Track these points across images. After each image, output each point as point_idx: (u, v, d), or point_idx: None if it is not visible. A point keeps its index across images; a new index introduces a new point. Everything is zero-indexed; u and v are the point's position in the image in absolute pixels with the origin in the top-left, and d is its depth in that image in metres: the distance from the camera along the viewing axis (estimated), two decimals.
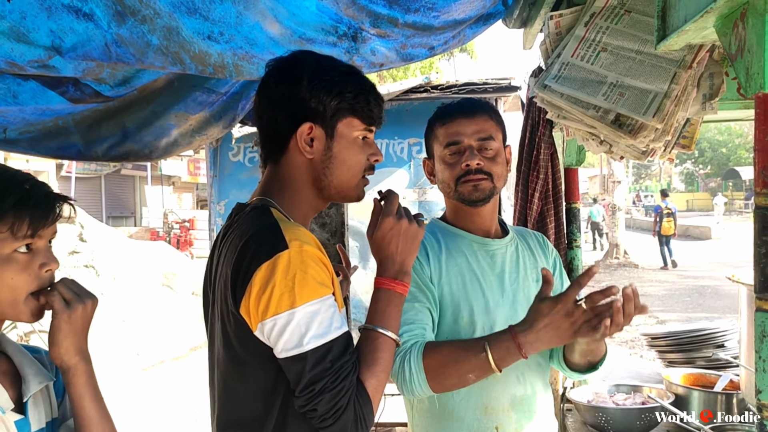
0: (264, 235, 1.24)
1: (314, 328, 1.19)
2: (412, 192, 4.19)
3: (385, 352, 1.30)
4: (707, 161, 46.19)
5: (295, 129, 1.33)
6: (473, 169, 1.64)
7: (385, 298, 1.35)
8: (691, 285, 13.13)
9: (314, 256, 1.23)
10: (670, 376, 2.47)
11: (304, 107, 1.33)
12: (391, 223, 1.37)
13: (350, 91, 1.34)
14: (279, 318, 1.18)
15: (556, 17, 1.95)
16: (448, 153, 1.68)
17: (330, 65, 1.38)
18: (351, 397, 1.20)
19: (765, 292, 0.92)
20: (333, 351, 1.19)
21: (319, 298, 1.20)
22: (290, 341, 1.18)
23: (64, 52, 1.64)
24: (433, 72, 4.75)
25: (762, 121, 0.91)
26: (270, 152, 1.40)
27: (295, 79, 1.33)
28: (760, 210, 0.91)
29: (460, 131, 1.66)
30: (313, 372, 1.18)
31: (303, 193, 1.38)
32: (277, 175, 1.39)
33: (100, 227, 10.79)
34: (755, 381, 0.94)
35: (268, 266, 1.19)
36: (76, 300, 1.19)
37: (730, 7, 0.97)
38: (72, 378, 1.19)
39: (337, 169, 1.36)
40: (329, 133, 1.34)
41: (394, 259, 1.37)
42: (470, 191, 1.65)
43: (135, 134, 2.45)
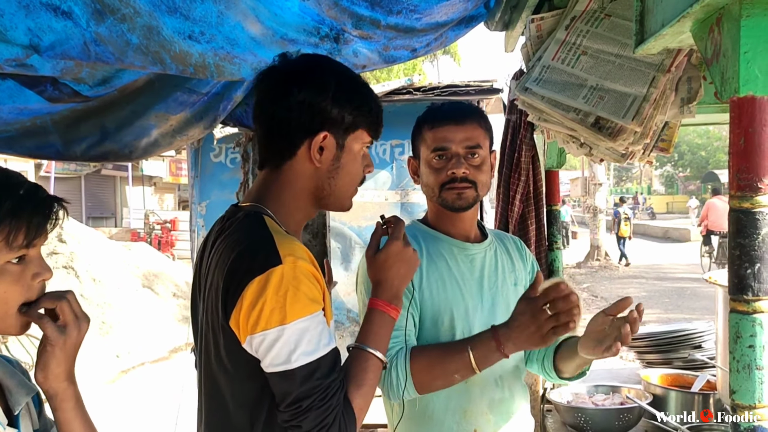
0: (258, 247, 1.23)
1: (303, 345, 1.18)
2: (394, 194, 4.19)
3: (373, 372, 1.31)
4: (687, 164, 46.72)
5: (307, 136, 1.32)
6: (459, 177, 1.65)
7: (379, 320, 1.36)
8: (670, 287, 13.27)
9: (307, 272, 1.22)
10: (649, 376, 2.49)
11: (324, 116, 1.32)
12: (398, 247, 1.39)
13: (367, 104, 1.36)
14: (269, 333, 1.17)
15: (537, 20, 1.96)
16: (434, 157, 1.69)
17: (351, 76, 1.38)
18: (337, 415, 1.20)
19: (739, 294, 0.93)
20: (321, 368, 1.19)
21: (309, 315, 1.20)
22: (278, 357, 1.18)
23: (42, 50, 1.61)
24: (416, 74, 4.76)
25: (737, 125, 0.92)
26: (273, 155, 1.37)
27: (322, 87, 1.32)
28: (734, 213, 0.93)
29: (448, 137, 1.67)
30: (301, 389, 1.18)
31: (300, 201, 1.37)
32: (276, 181, 1.37)
33: (79, 228, 10.66)
34: (729, 381, 0.95)
35: (261, 280, 1.18)
36: (73, 324, 1.13)
37: (706, 12, 0.98)
38: (60, 403, 1.15)
39: (342, 179, 1.37)
40: (340, 144, 1.35)
41: (393, 282, 1.38)
42: (454, 199, 1.67)
43: (114, 134, 2.42)
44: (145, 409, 6.12)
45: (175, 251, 17.40)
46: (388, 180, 4.22)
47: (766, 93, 0.91)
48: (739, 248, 0.92)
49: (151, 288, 10.11)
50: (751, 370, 0.93)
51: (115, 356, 7.82)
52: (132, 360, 7.85)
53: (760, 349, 0.93)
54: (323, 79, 1.33)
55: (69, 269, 9.03)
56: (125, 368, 7.62)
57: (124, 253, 10.93)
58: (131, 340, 8.27)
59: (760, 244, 0.91)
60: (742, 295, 0.93)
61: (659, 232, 28.21)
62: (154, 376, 7.33)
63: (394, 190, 4.19)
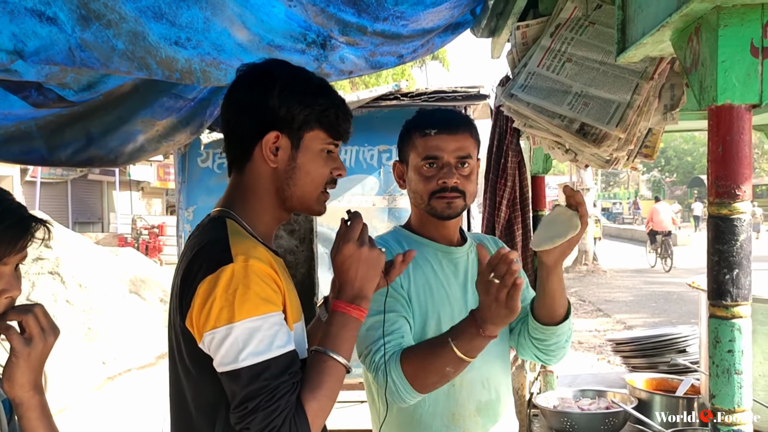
0: (212, 248, 1.24)
1: (252, 344, 1.17)
2: (381, 199, 4.20)
3: (331, 376, 1.27)
4: (673, 169, 47.10)
5: (261, 136, 1.33)
6: (449, 187, 1.66)
7: (339, 321, 1.33)
8: (657, 291, 13.35)
9: (261, 271, 1.22)
10: (634, 380, 2.51)
11: (273, 116, 1.33)
12: (351, 249, 1.35)
13: (320, 104, 1.35)
14: (217, 332, 1.18)
15: (522, 27, 1.98)
16: (425, 165, 1.69)
17: (303, 77, 1.39)
18: (287, 417, 1.17)
19: (718, 299, 0.94)
20: (270, 369, 1.17)
21: (260, 315, 1.19)
22: (227, 356, 1.17)
23: (26, 56, 1.61)
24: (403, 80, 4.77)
25: (715, 133, 0.94)
26: (235, 159, 1.40)
27: (268, 86, 1.33)
28: (713, 219, 0.94)
29: (440, 146, 1.67)
30: (247, 389, 1.16)
31: (266, 203, 1.38)
32: (240, 184, 1.39)
33: (65, 233, 10.58)
34: (709, 386, 0.97)
35: (211, 279, 1.19)
36: (39, 336, 1.17)
37: (685, 21, 0.99)
38: (26, 412, 1.18)
39: (300, 180, 1.36)
40: (295, 144, 1.34)
41: (353, 284, 1.35)
42: (443, 208, 1.68)
43: (100, 140, 2.41)
44: (132, 416, 6.08)
45: (163, 256, 17.30)
46: (376, 185, 4.23)
47: (743, 101, 0.93)
48: (718, 254, 0.93)
49: (138, 293, 10.04)
50: (731, 375, 0.94)
51: (101, 363, 7.76)
52: (118, 366, 7.79)
53: (739, 353, 0.94)
54: (269, 80, 1.34)
55: (55, 275, 8.96)
56: (111, 375, 7.56)
57: (110, 258, 10.85)
58: (118, 346, 8.20)
59: (738, 250, 0.92)
60: (721, 301, 0.94)
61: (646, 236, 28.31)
62: (141, 382, 7.28)
63: (382, 195, 4.20)
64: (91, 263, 9.80)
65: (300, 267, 2.42)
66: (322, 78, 1.43)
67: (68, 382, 6.85)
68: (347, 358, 1.31)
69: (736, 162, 0.92)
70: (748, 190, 0.92)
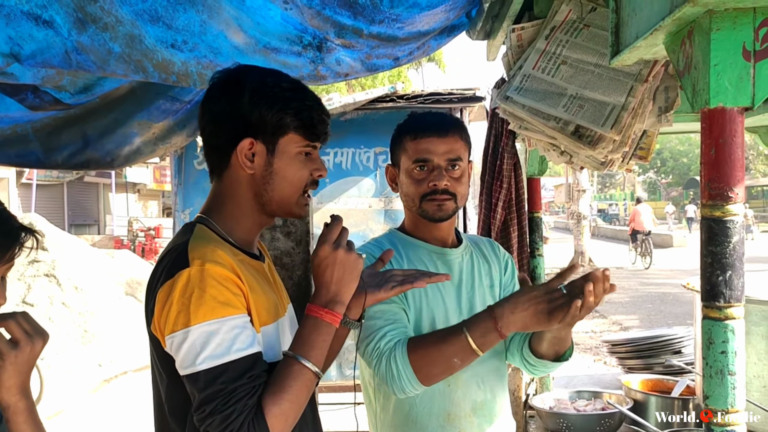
0: (171, 254, 1.26)
1: (210, 348, 1.17)
2: (378, 201, 4.20)
3: (296, 380, 1.24)
4: (669, 171, 47.20)
5: (236, 144, 1.32)
6: (440, 190, 1.67)
7: (311, 325, 1.30)
8: (653, 292, 13.38)
9: (218, 275, 1.21)
10: (630, 382, 2.52)
11: (245, 123, 1.32)
12: (326, 251, 1.33)
13: (293, 107, 1.33)
14: (176, 336, 1.18)
15: (518, 30, 1.99)
16: (416, 168, 1.70)
17: (273, 81, 1.36)
18: (245, 421, 1.15)
19: (711, 301, 0.95)
20: (227, 373, 1.17)
21: (218, 318, 1.18)
22: (185, 360, 1.18)
23: (22, 59, 1.61)
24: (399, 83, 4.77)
25: (708, 136, 0.95)
26: (213, 167, 1.40)
27: (237, 94, 1.32)
28: (706, 221, 0.95)
29: (431, 149, 1.68)
30: (205, 393, 1.16)
31: (245, 209, 1.37)
32: (219, 191, 1.39)
33: (61, 235, 10.55)
34: (702, 386, 0.97)
35: (169, 285, 1.20)
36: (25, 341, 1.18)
37: (678, 25, 1.00)
38: (12, 416, 1.18)
39: (278, 184, 1.35)
40: (270, 149, 1.33)
41: (329, 288, 1.32)
42: (435, 210, 1.69)
43: (96, 142, 2.41)
44: (128, 418, 6.06)
45: None
46: (372, 187, 4.23)
47: (736, 104, 0.93)
48: (711, 256, 0.94)
49: (135, 296, 10.02)
50: (724, 376, 0.95)
51: (98, 365, 7.74)
52: (115, 369, 7.77)
53: (732, 354, 0.94)
54: (239, 87, 1.33)
55: (51, 277, 8.93)
56: (108, 377, 7.54)
57: (107, 260, 10.82)
58: (114, 348, 8.18)
59: (731, 252, 0.93)
60: (714, 302, 0.95)
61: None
62: (137, 384, 7.26)
63: (378, 197, 4.20)
64: (87, 265, 9.77)
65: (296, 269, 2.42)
66: (294, 79, 1.41)
67: (64, 384, 6.83)
68: (318, 365, 1.27)
69: (729, 165, 0.93)
70: (740, 193, 0.93)
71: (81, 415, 6.16)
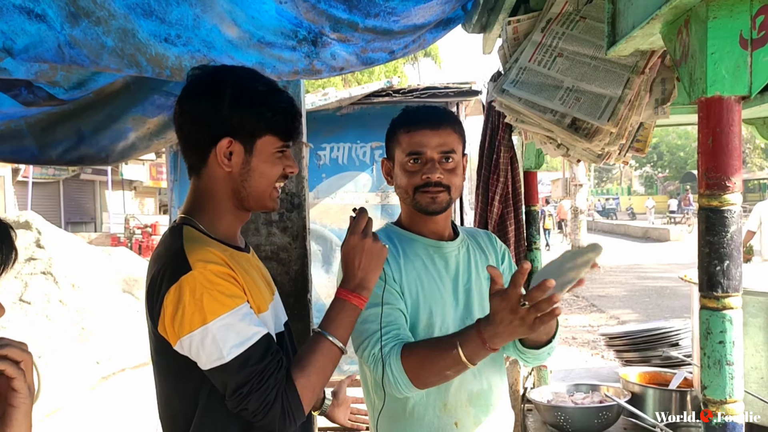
0: (170, 259, 1.33)
1: (232, 338, 1.26)
2: (374, 196, 4.19)
3: (323, 355, 1.38)
4: (666, 165, 47.25)
5: (214, 143, 1.39)
6: (433, 182, 1.68)
7: (338, 306, 1.44)
8: (650, 286, 13.40)
9: (220, 272, 1.30)
10: (627, 374, 2.52)
11: (224, 123, 1.38)
12: (355, 240, 1.47)
13: (270, 109, 1.40)
14: (194, 335, 1.26)
15: (513, 23, 1.98)
16: (409, 161, 1.71)
17: (251, 84, 1.42)
18: (279, 392, 1.28)
19: (709, 291, 0.95)
20: (253, 355, 1.28)
21: (230, 311, 1.28)
22: (212, 354, 1.27)
23: (15, 53, 1.60)
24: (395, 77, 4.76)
25: (705, 125, 0.94)
26: (192, 165, 1.46)
27: (217, 95, 1.39)
28: (703, 211, 0.94)
29: (423, 142, 1.69)
30: (239, 377, 1.26)
31: (224, 205, 1.45)
32: (199, 189, 1.45)
33: (58, 233, 10.51)
34: (701, 377, 0.97)
35: (176, 289, 1.28)
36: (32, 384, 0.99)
37: (675, 14, 0.99)
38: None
39: (255, 181, 1.42)
40: (248, 149, 1.41)
41: (355, 273, 1.46)
42: (428, 203, 1.70)
43: (91, 138, 2.40)
44: (127, 416, 6.06)
45: None
46: (369, 182, 4.22)
47: (733, 93, 0.93)
48: (709, 246, 0.93)
49: (132, 293, 10.00)
50: (722, 366, 0.94)
51: (96, 362, 7.73)
52: (112, 366, 7.76)
53: (730, 344, 0.94)
54: (219, 89, 1.39)
55: (47, 275, 8.91)
56: (106, 374, 7.53)
57: (103, 258, 10.79)
58: (112, 345, 8.17)
59: (728, 242, 0.92)
60: (711, 292, 0.94)
61: (639, 232, 28.49)
62: (135, 381, 7.25)
63: (375, 192, 4.19)
64: (84, 263, 9.75)
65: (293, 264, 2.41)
66: (270, 81, 1.47)
67: (62, 382, 6.82)
68: (343, 342, 1.41)
69: (726, 154, 0.92)
70: (738, 182, 0.92)
71: (79, 413, 6.15)
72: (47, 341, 7.74)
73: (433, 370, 1.53)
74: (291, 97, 1.47)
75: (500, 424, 1.77)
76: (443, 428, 1.68)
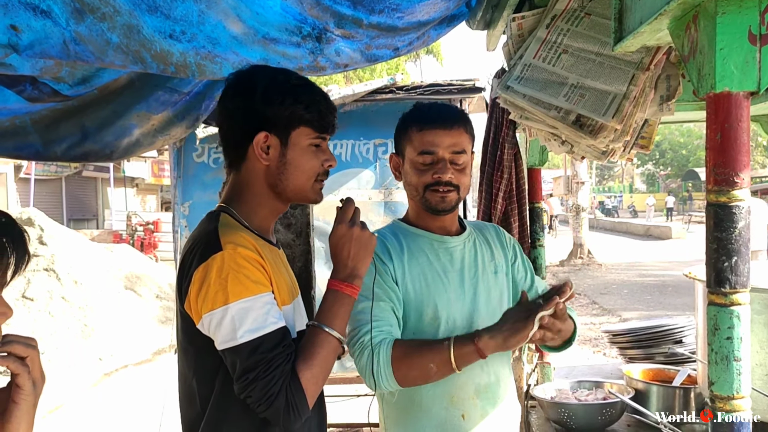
0: (204, 239, 1.37)
1: (248, 323, 1.28)
2: (378, 193, 4.19)
3: (323, 348, 1.38)
4: (668, 162, 47.14)
5: (251, 138, 1.43)
6: (444, 181, 1.69)
7: (332, 298, 1.45)
8: (652, 283, 13.40)
9: (249, 257, 1.33)
10: (631, 371, 2.52)
11: (259, 118, 1.43)
12: (343, 229, 1.47)
13: (302, 101, 1.44)
14: (214, 313, 1.29)
15: (518, 19, 1.98)
16: (420, 160, 1.72)
17: (283, 78, 1.47)
18: (283, 384, 1.29)
19: (717, 287, 0.95)
20: (265, 344, 1.29)
21: (252, 296, 1.30)
22: (226, 335, 1.29)
23: (21, 49, 1.60)
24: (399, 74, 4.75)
25: (713, 121, 0.94)
26: (232, 160, 1.51)
27: (250, 91, 1.44)
28: (711, 207, 0.94)
29: (436, 142, 1.70)
30: (247, 362, 1.28)
31: (261, 198, 1.48)
32: (238, 182, 1.50)
33: (60, 230, 10.53)
34: (708, 373, 0.97)
35: (204, 267, 1.31)
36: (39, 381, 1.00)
37: (683, 9, 0.99)
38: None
39: (292, 174, 1.46)
40: (284, 142, 1.44)
41: (346, 263, 1.46)
42: (437, 201, 1.71)
43: (95, 134, 2.40)
44: (129, 412, 6.07)
45: (158, 253, 17.24)
46: (372, 179, 4.22)
47: (741, 89, 0.93)
48: (717, 242, 0.93)
49: (134, 290, 10.02)
50: (729, 362, 0.94)
51: (98, 359, 7.75)
52: (115, 362, 7.78)
53: (738, 340, 0.94)
54: (252, 84, 1.44)
55: (50, 272, 8.93)
56: (108, 371, 7.54)
57: (106, 255, 10.81)
58: (114, 342, 8.19)
59: (736, 238, 0.92)
60: (719, 288, 0.94)
61: (641, 230, 28.48)
62: (138, 378, 7.27)
63: (378, 189, 4.19)
64: (86, 260, 9.77)
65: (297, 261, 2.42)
66: (302, 76, 1.52)
67: (65, 378, 6.84)
68: (341, 333, 1.42)
69: (735, 149, 0.92)
70: (746, 178, 0.92)
71: (81, 409, 6.17)
72: (50, 338, 7.76)
73: (418, 364, 1.56)
74: (324, 91, 1.50)
75: (507, 417, 1.78)
76: (450, 420, 1.70)
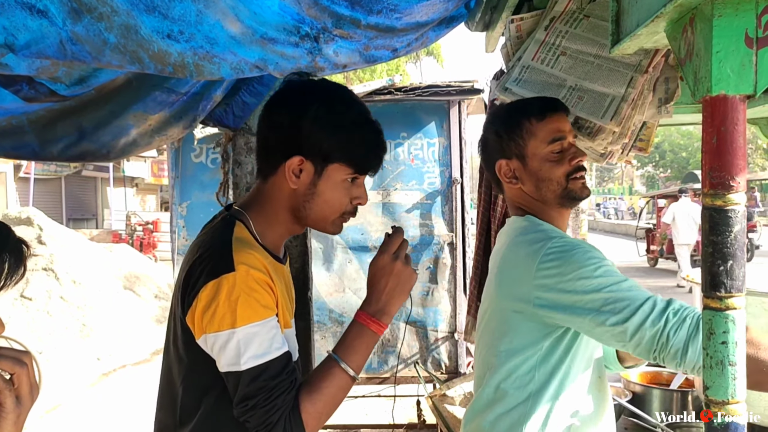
0: (216, 253, 1.29)
1: (253, 348, 1.23)
2: (376, 194, 4.18)
3: (332, 383, 1.31)
4: (668, 164, 47.16)
5: (286, 157, 1.34)
6: (582, 166, 1.61)
7: (356, 331, 1.37)
8: (651, 286, 13.39)
9: (260, 280, 1.27)
10: (628, 374, 2.51)
11: (300, 141, 1.33)
12: (385, 260, 1.39)
13: (350, 140, 1.34)
14: (220, 335, 1.24)
15: (517, 21, 1.98)
16: (550, 149, 1.60)
17: (341, 106, 1.36)
18: (283, 414, 1.24)
19: (712, 291, 0.94)
20: (269, 371, 1.24)
21: (260, 321, 1.25)
22: (230, 359, 1.24)
23: (17, 49, 1.59)
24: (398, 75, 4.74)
25: (709, 124, 0.93)
26: (261, 168, 1.43)
27: (301, 108, 1.33)
28: (707, 210, 0.94)
29: (561, 128, 1.61)
30: (248, 389, 1.23)
31: (281, 216, 1.40)
32: (262, 192, 1.42)
33: (59, 229, 10.53)
34: (703, 377, 0.96)
35: (214, 285, 1.24)
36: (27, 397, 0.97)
37: (680, 12, 0.99)
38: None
39: (317, 205, 1.37)
40: (318, 171, 1.35)
41: (380, 297, 1.38)
42: (581, 188, 1.61)
43: (92, 134, 2.40)
44: (127, 412, 6.07)
45: (158, 253, 17.25)
46: (370, 180, 4.22)
47: (738, 92, 0.92)
48: (712, 246, 0.93)
49: (133, 290, 10.02)
50: (724, 366, 0.94)
51: (96, 359, 7.74)
52: (113, 362, 7.77)
53: (733, 345, 0.94)
54: (304, 103, 1.34)
55: (49, 271, 8.93)
56: (106, 371, 7.54)
57: (105, 254, 10.81)
58: (112, 342, 8.18)
59: (732, 242, 0.92)
60: (715, 292, 0.94)
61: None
62: (136, 378, 7.26)
63: (376, 190, 4.19)
64: (85, 260, 9.77)
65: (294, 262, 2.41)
66: (362, 106, 1.40)
67: (63, 378, 6.83)
68: (357, 370, 1.34)
69: (731, 153, 0.92)
70: (742, 182, 0.92)
71: (79, 409, 6.16)
72: (48, 337, 7.76)
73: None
74: (380, 129, 1.40)
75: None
76: None
